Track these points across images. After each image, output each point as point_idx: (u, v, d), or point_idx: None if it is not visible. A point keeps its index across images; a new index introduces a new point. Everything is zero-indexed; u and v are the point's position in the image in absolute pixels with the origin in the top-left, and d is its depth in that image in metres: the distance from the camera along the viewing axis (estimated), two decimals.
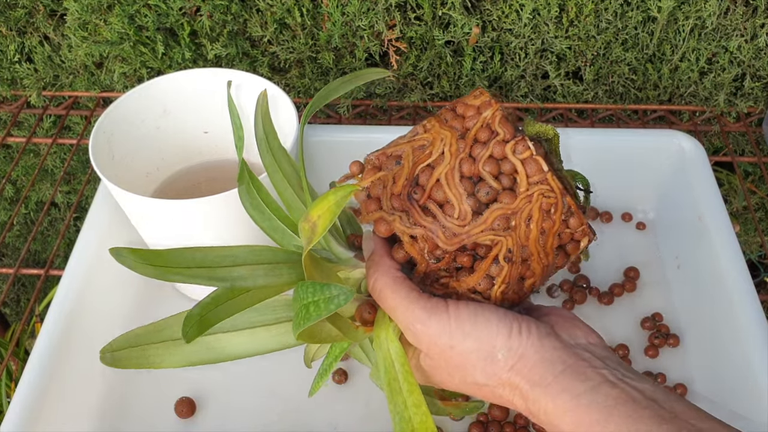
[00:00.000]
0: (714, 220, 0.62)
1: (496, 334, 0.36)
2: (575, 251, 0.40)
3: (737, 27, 0.74)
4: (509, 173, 0.37)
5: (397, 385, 0.38)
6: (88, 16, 0.76)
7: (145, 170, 0.66)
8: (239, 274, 0.39)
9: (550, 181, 0.37)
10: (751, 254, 1.01)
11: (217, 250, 0.40)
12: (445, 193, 0.37)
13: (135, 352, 0.42)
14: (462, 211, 0.37)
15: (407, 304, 0.37)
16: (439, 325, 0.36)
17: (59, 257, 1.03)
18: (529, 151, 0.37)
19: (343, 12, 0.73)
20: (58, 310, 0.57)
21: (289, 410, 0.58)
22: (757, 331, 0.54)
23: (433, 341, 0.37)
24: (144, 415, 0.58)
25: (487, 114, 0.38)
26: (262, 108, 0.47)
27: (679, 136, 0.69)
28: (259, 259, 0.40)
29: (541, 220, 0.37)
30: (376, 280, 0.39)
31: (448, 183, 0.37)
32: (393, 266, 0.39)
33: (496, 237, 0.37)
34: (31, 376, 0.53)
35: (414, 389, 0.38)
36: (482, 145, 0.37)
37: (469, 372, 0.37)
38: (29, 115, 0.87)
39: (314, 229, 0.37)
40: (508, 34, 0.76)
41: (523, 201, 0.37)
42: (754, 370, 0.53)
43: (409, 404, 0.38)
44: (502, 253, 0.37)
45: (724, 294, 0.58)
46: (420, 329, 0.37)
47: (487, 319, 0.36)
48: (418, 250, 0.38)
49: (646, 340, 0.63)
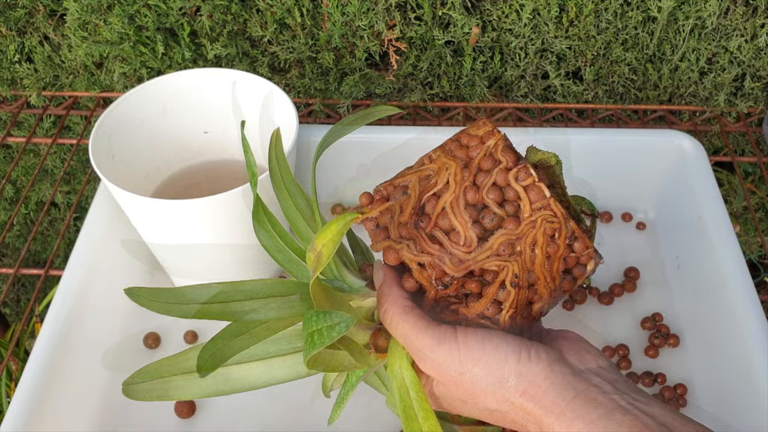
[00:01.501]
0: (714, 220, 0.62)
1: (505, 360, 0.36)
2: (582, 275, 0.40)
3: (737, 27, 0.74)
4: (513, 200, 0.38)
5: (412, 412, 0.39)
6: (88, 16, 0.76)
7: (145, 170, 0.66)
8: (252, 307, 0.41)
9: (552, 207, 0.38)
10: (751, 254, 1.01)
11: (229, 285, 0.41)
12: (450, 221, 0.38)
13: (156, 385, 0.43)
14: (467, 238, 0.38)
15: (417, 333, 0.38)
16: (449, 353, 0.37)
17: (59, 257, 1.03)
18: (532, 178, 0.38)
19: (343, 12, 0.73)
20: (58, 310, 0.57)
21: (289, 411, 0.58)
22: (757, 331, 0.54)
23: (443, 369, 0.37)
24: (144, 415, 0.58)
25: (490, 143, 0.39)
26: (276, 146, 0.48)
27: (679, 136, 0.69)
28: (271, 292, 0.42)
29: (545, 245, 0.38)
30: (386, 309, 0.39)
31: (453, 211, 0.38)
32: (402, 295, 0.40)
33: (502, 262, 0.38)
34: (31, 376, 0.53)
35: (429, 416, 0.39)
36: (486, 173, 0.39)
37: (480, 398, 0.37)
38: (29, 115, 0.87)
39: (320, 258, 0.38)
40: (508, 34, 0.76)
41: (527, 227, 0.38)
42: (754, 370, 0.53)
43: (424, 430, 0.38)
44: (508, 278, 0.38)
45: (724, 294, 0.58)
46: (430, 358, 0.37)
47: (495, 345, 0.37)
48: (427, 278, 0.39)
49: (646, 340, 0.63)
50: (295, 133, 0.59)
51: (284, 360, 0.43)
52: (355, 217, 0.38)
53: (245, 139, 0.46)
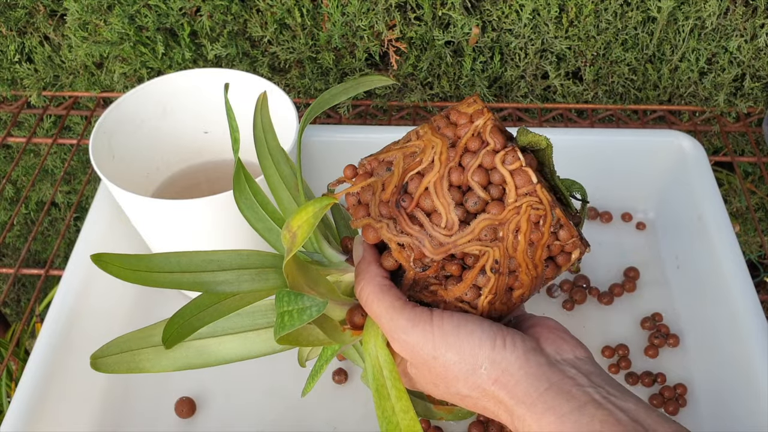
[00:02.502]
0: (714, 220, 0.62)
1: (479, 346, 0.36)
2: (566, 263, 0.39)
3: (737, 27, 0.74)
4: (498, 183, 0.37)
5: (385, 391, 0.38)
6: (88, 16, 0.76)
7: (145, 170, 0.66)
8: (224, 278, 0.39)
9: (539, 193, 0.37)
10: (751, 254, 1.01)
11: (201, 255, 0.40)
12: (433, 202, 0.37)
13: (125, 357, 0.42)
14: (449, 220, 0.37)
15: (392, 313, 0.37)
16: (423, 336, 0.37)
17: (59, 257, 1.03)
18: (519, 162, 0.37)
19: (343, 12, 0.73)
20: (58, 310, 0.57)
21: (289, 410, 0.58)
22: (757, 331, 0.54)
23: (417, 351, 0.37)
24: (144, 415, 0.58)
25: (479, 123, 0.38)
26: (261, 109, 0.47)
27: (679, 136, 0.69)
28: (246, 264, 0.40)
29: (529, 232, 0.37)
30: (363, 287, 0.39)
31: (436, 192, 0.37)
32: (380, 273, 0.39)
33: (483, 247, 0.37)
34: (31, 376, 0.53)
35: (402, 395, 0.38)
36: (472, 154, 0.37)
37: (452, 383, 0.37)
38: (29, 115, 0.87)
39: (294, 239, 0.37)
40: (508, 34, 0.76)
41: (511, 212, 0.37)
42: (754, 370, 0.53)
43: (397, 410, 0.38)
44: (488, 263, 0.37)
45: (724, 294, 0.58)
46: (403, 339, 0.37)
47: (470, 331, 0.36)
48: (406, 258, 0.38)
49: (646, 340, 0.63)
50: (295, 134, 0.59)
51: (259, 334, 0.42)
52: (331, 202, 0.36)
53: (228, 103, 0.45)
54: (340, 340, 0.40)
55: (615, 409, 0.33)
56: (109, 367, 0.42)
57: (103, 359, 0.42)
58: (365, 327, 0.40)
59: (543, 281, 0.40)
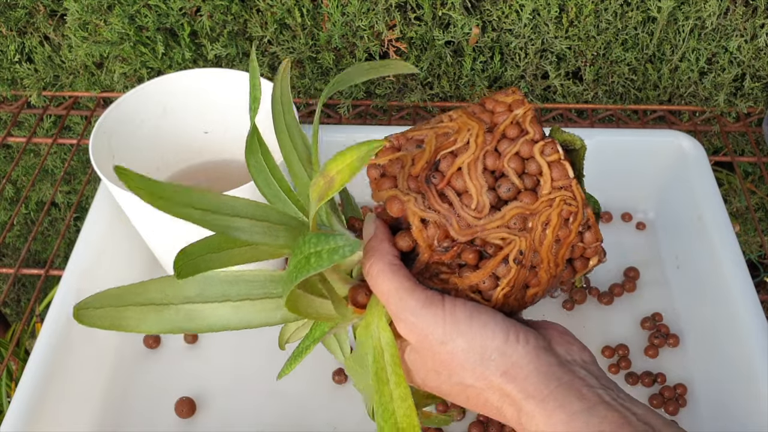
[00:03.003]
0: (714, 220, 0.62)
1: (491, 337, 0.35)
2: (583, 269, 0.39)
3: (737, 27, 0.74)
4: (533, 174, 0.36)
5: (384, 375, 0.37)
6: (88, 16, 0.76)
7: (145, 170, 0.66)
8: (238, 225, 0.37)
9: (573, 189, 0.36)
10: (751, 254, 1.01)
11: (219, 197, 0.38)
12: (465, 183, 0.36)
13: (110, 312, 0.40)
14: (480, 202, 0.36)
15: (402, 293, 0.36)
16: (433, 320, 0.35)
17: (59, 257, 1.03)
18: (558, 155, 0.36)
19: (343, 12, 0.73)
20: (59, 310, 0.57)
21: (289, 410, 0.58)
22: (757, 331, 0.54)
23: (424, 335, 0.36)
24: (144, 415, 0.58)
25: (519, 112, 0.37)
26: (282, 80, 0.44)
27: (679, 136, 0.69)
28: (259, 215, 0.38)
29: (558, 227, 0.36)
30: (373, 264, 0.37)
31: (469, 173, 0.36)
32: (392, 252, 0.37)
33: (510, 236, 0.36)
34: (31, 376, 0.53)
35: (401, 381, 0.37)
36: (510, 141, 0.37)
37: (457, 371, 0.36)
38: (29, 115, 0.87)
39: (330, 185, 0.35)
40: (508, 34, 0.76)
41: (543, 204, 0.36)
42: (754, 370, 0.53)
43: (395, 396, 0.36)
44: (513, 253, 0.36)
45: (724, 294, 0.58)
46: (412, 321, 0.36)
47: (484, 322, 0.35)
48: (425, 238, 0.37)
49: (646, 340, 0.63)
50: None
51: (254, 304, 0.40)
52: (382, 144, 0.34)
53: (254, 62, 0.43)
54: (342, 314, 0.38)
55: (625, 411, 0.33)
56: (92, 321, 0.39)
57: (86, 311, 0.40)
58: (368, 306, 0.39)
59: (557, 283, 0.39)
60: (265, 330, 0.64)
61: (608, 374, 0.60)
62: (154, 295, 0.39)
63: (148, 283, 0.39)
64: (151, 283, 0.39)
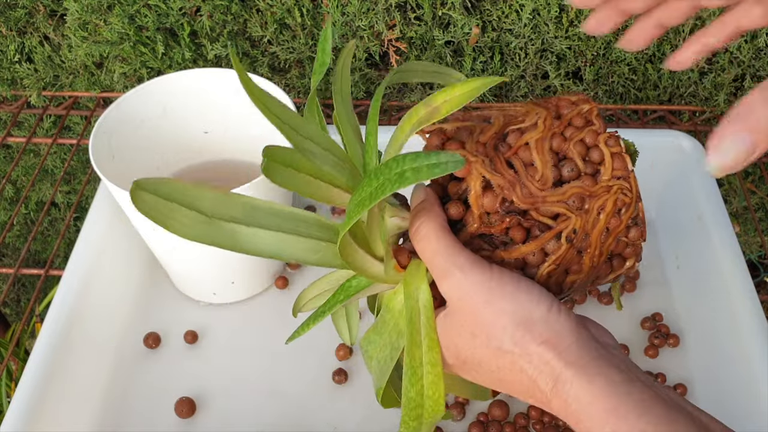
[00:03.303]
0: (714, 220, 0.62)
1: (537, 304, 0.35)
2: (620, 267, 0.40)
3: None
4: (595, 162, 0.38)
5: (418, 338, 0.37)
6: (88, 16, 0.76)
7: (145, 170, 0.66)
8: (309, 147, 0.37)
9: (631, 180, 0.38)
10: (751, 254, 1.01)
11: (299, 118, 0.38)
12: (531, 156, 0.37)
13: (161, 204, 0.39)
14: (544, 175, 0.37)
15: (451, 250, 0.36)
16: (481, 279, 0.35)
17: (59, 257, 1.03)
18: (620, 148, 0.38)
19: (343, 12, 0.73)
20: (58, 310, 0.57)
21: (289, 410, 0.58)
22: (757, 332, 0.54)
23: (469, 294, 0.35)
24: (144, 415, 0.58)
25: (585, 107, 0.39)
26: (344, 60, 0.45)
27: (679, 136, 0.69)
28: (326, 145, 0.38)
29: (611, 215, 0.37)
30: (423, 222, 0.37)
31: (536, 147, 0.37)
32: (442, 215, 0.38)
33: (567, 212, 0.37)
34: (31, 376, 0.53)
35: (434, 346, 0.37)
36: (575, 129, 0.38)
37: (497, 335, 0.35)
38: (29, 115, 0.87)
39: (435, 113, 0.35)
40: (508, 34, 0.76)
41: (602, 188, 0.37)
42: (754, 370, 0.53)
43: (425, 361, 0.37)
44: (567, 230, 0.37)
45: (724, 294, 0.58)
46: (459, 278, 0.35)
47: (529, 289, 0.35)
48: (479, 206, 0.37)
49: (646, 340, 0.63)
50: None
51: (299, 240, 0.40)
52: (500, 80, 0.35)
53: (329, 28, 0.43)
54: (388, 273, 0.39)
55: (660, 390, 0.33)
56: (142, 205, 0.39)
57: (142, 192, 0.39)
58: (409, 267, 0.39)
59: (593, 277, 0.40)
60: (265, 330, 0.64)
61: None
62: (204, 204, 0.38)
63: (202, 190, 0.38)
64: (204, 191, 0.38)
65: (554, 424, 0.56)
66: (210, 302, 0.65)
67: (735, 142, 0.32)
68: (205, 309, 0.65)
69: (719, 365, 0.58)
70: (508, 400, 0.57)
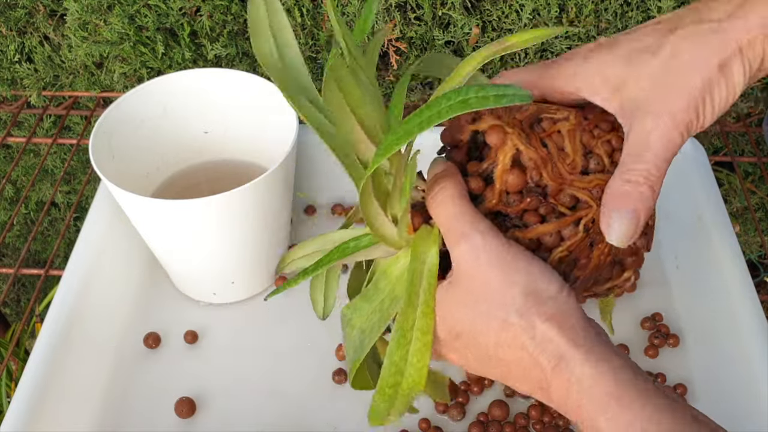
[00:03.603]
0: (714, 220, 0.62)
1: (548, 283, 0.35)
2: (618, 277, 0.40)
3: None
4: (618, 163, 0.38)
5: (415, 300, 0.37)
6: (88, 16, 0.76)
7: (145, 170, 0.66)
8: None
9: None
10: (751, 254, 1.01)
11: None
12: (563, 143, 0.38)
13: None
14: (575, 161, 0.38)
15: (471, 216, 0.36)
16: (497, 248, 0.35)
17: (59, 257, 1.03)
18: None
19: (343, 12, 0.73)
20: (58, 310, 0.57)
21: (289, 410, 0.58)
22: (757, 331, 0.54)
23: (483, 260, 0.35)
24: (144, 415, 0.58)
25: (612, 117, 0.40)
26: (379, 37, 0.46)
27: None
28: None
29: None
30: (442, 189, 0.37)
31: (569, 136, 0.38)
32: (463, 184, 0.37)
33: (590, 200, 0.38)
34: (31, 376, 0.53)
35: (429, 314, 0.37)
36: (602, 131, 0.39)
37: (503, 305, 0.34)
38: (29, 115, 0.87)
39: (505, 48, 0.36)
40: (508, 34, 0.76)
41: None
42: (754, 370, 0.53)
43: (416, 326, 0.37)
44: (586, 218, 0.38)
45: (724, 294, 0.58)
46: (478, 241, 0.35)
47: (542, 267, 0.35)
48: (503, 181, 0.37)
49: (646, 340, 0.63)
50: (295, 134, 0.59)
51: None
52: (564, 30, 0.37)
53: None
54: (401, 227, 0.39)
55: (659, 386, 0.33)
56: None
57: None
58: (421, 230, 0.39)
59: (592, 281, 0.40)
60: (265, 330, 0.64)
61: None
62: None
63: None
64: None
65: (554, 424, 0.56)
66: (210, 302, 0.65)
67: (619, 218, 0.35)
68: (205, 309, 0.65)
69: (719, 365, 0.58)
70: (508, 400, 0.57)
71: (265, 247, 0.62)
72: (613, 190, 0.36)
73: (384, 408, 0.38)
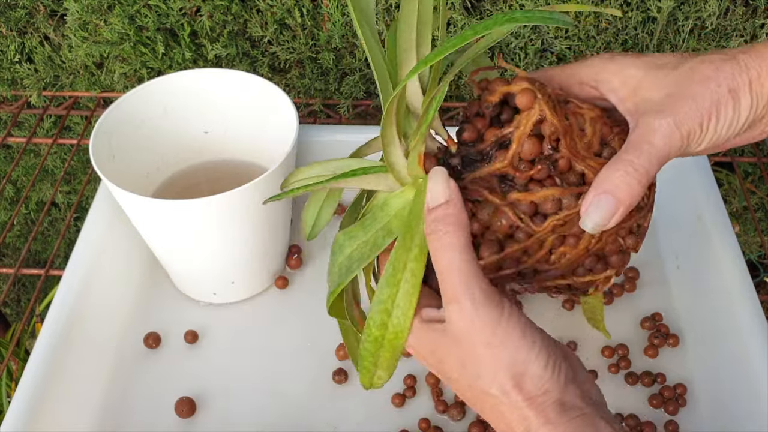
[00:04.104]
0: (714, 220, 0.62)
1: (536, 358, 0.35)
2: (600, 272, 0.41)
3: (737, 27, 0.74)
4: None
5: (409, 242, 0.37)
6: (89, 16, 0.76)
7: (146, 170, 0.66)
8: None
9: (651, 190, 0.41)
10: (751, 254, 1.01)
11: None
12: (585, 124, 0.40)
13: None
14: (592, 142, 0.39)
15: (470, 277, 0.35)
16: (489, 318, 0.35)
17: (59, 257, 1.03)
18: None
19: (343, 12, 0.73)
20: (58, 310, 0.57)
21: (289, 410, 0.58)
22: (757, 331, 0.54)
23: (473, 329, 0.35)
24: (144, 415, 0.58)
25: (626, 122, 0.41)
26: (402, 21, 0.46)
27: None
28: None
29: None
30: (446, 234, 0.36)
31: (590, 121, 0.40)
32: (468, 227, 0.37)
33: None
34: (31, 376, 0.53)
35: (421, 256, 0.37)
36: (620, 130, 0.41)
37: (486, 377, 0.36)
38: (29, 115, 0.87)
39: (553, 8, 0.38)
40: (508, 34, 0.76)
41: None
42: (754, 370, 0.53)
43: (408, 267, 0.37)
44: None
45: (724, 294, 0.58)
46: (468, 310, 0.35)
47: (533, 340, 0.36)
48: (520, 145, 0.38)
49: (646, 340, 0.63)
50: (295, 134, 0.59)
51: None
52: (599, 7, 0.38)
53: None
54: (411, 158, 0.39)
55: None
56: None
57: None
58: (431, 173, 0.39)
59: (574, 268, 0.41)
60: (265, 330, 0.64)
61: (608, 374, 0.60)
62: None
63: None
64: None
65: None
66: (210, 302, 0.65)
67: (598, 203, 0.36)
68: (205, 309, 0.65)
69: (719, 365, 0.58)
70: None
71: (265, 247, 0.63)
72: (603, 175, 0.37)
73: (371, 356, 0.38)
